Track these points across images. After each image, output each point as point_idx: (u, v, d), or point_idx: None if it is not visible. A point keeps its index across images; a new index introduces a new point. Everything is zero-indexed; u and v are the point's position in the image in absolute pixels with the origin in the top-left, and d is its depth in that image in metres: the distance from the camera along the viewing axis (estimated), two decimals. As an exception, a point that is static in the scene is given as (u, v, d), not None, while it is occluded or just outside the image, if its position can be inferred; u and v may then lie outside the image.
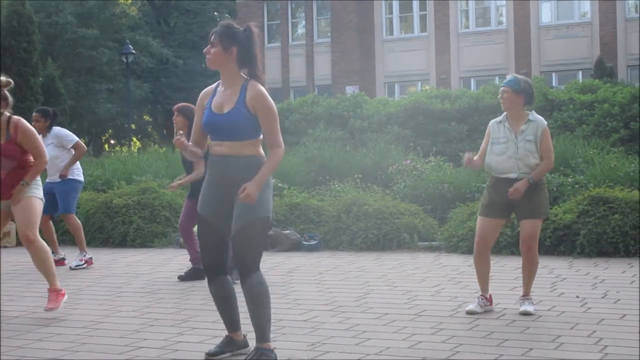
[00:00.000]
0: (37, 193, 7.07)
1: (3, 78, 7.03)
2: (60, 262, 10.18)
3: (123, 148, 36.81)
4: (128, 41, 32.17)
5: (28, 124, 7.05)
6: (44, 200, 7.18)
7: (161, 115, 42.88)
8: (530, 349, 5.30)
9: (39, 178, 7.16)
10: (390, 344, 5.55)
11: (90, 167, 15.55)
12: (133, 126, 40.01)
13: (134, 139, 41.43)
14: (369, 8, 33.77)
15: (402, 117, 17.69)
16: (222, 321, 5.39)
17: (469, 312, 6.61)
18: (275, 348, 5.14)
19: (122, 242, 12.31)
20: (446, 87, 24.99)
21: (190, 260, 9.10)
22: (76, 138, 10.18)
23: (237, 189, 5.01)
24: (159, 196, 12.89)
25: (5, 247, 12.74)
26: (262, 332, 5.06)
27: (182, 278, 8.89)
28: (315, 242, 11.08)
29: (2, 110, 6.95)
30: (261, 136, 5.14)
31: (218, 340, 5.73)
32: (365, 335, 5.83)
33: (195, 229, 10.36)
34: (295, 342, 5.60)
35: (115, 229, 12.43)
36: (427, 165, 13.71)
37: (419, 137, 16.92)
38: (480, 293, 6.76)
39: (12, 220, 7.34)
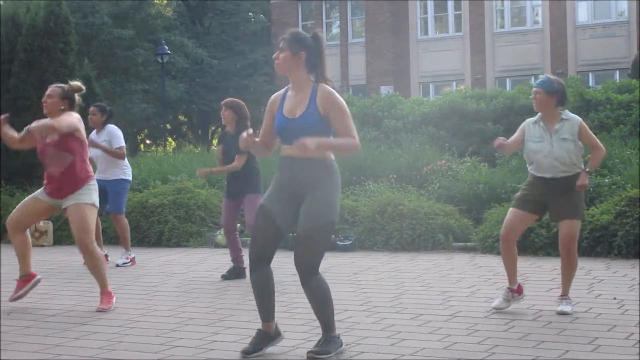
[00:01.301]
0: (89, 199, 7.16)
1: (76, 83, 7.24)
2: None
3: (158, 148, 37.00)
4: (163, 42, 32.31)
5: (68, 115, 7.15)
6: (98, 206, 7.28)
7: (196, 115, 43.03)
8: (567, 351, 5.26)
9: (94, 182, 7.27)
10: (425, 344, 5.53)
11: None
12: (168, 126, 40.19)
13: (169, 139, 41.63)
14: (404, 8, 33.69)
15: (437, 117, 17.61)
16: (257, 320, 5.40)
17: (495, 308, 6.62)
18: (339, 335, 5.38)
19: (158, 241, 12.39)
20: (481, 87, 24.86)
21: (231, 260, 9.14)
22: (123, 143, 10.35)
23: (305, 191, 5.21)
24: (194, 196, 12.95)
25: (42, 245, 12.86)
26: (328, 324, 5.31)
27: (224, 277, 8.98)
28: (350, 242, 11.07)
29: (65, 110, 7.20)
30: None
31: (253, 340, 5.76)
32: (400, 336, 5.82)
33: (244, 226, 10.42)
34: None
35: (150, 228, 12.51)
36: (462, 166, 13.66)
37: (454, 138, 16.83)
38: (507, 286, 6.74)
39: (48, 219, 7.45)
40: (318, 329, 5.57)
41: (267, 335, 5.43)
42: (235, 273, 9.00)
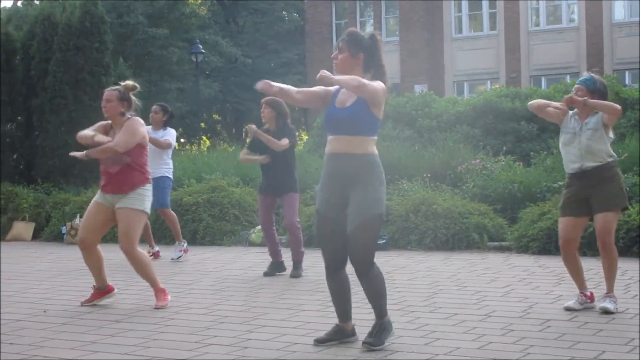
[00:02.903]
0: (140, 205, 7.20)
1: (128, 82, 7.31)
2: (155, 253, 10.75)
3: (193, 146, 37.15)
4: (198, 41, 32.42)
5: (137, 121, 7.24)
6: (148, 212, 7.33)
7: (230, 114, 43.16)
8: (603, 352, 5.21)
9: (150, 187, 7.31)
10: (459, 344, 5.51)
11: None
12: (202, 125, 40.36)
13: (204, 138, 41.78)
14: (438, 6, 33.56)
15: (472, 116, 17.54)
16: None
17: (567, 309, 6.59)
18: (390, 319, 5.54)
19: (192, 239, 12.44)
20: (516, 86, 24.69)
21: (269, 254, 9.17)
22: (174, 142, 10.66)
23: (352, 185, 5.33)
24: (228, 194, 13.00)
25: (74, 244, 12.96)
26: (382, 311, 5.48)
27: (266, 274, 9.06)
28: (384, 241, 11.05)
29: (124, 111, 7.26)
30: (376, 137, 5.45)
31: (287, 338, 5.78)
32: (435, 335, 5.80)
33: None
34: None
35: (185, 226, 12.57)
36: (497, 165, 13.59)
37: (488, 137, 16.76)
38: (579, 291, 6.72)
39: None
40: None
41: (343, 331, 5.58)
42: (275, 267, 9.09)
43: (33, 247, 13.25)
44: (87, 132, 7.27)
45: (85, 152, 7.25)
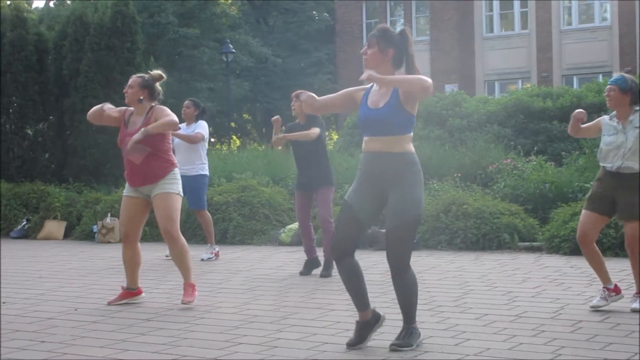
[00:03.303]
0: (174, 189, 7.26)
1: (156, 72, 7.37)
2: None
3: (223, 146, 37.26)
4: (228, 40, 32.49)
5: (163, 109, 7.29)
6: (182, 195, 7.38)
7: (260, 113, 43.23)
8: (636, 354, 5.16)
9: (177, 173, 7.34)
10: (490, 345, 5.48)
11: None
12: (233, 124, 40.44)
13: (234, 137, 41.89)
14: (469, 6, 33.41)
15: (503, 115, 17.43)
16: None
17: (593, 307, 6.55)
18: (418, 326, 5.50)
19: (222, 238, 12.47)
20: (548, 85, 24.53)
21: (304, 251, 9.18)
22: (205, 134, 10.65)
23: (389, 185, 5.33)
24: (258, 194, 13.01)
25: (109, 242, 13.04)
26: (411, 316, 5.44)
27: (302, 273, 9.08)
28: (414, 241, 11.00)
29: (143, 99, 7.30)
30: (412, 133, 5.42)
31: (317, 338, 5.78)
32: (465, 336, 5.77)
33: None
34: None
35: (215, 225, 12.55)
36: (528, 165, 13.51)
37: (519, 136, 16.66)
38: (602, 286, 6.67)
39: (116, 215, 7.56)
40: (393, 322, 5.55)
41: (367, 324, 5.53)
42: (310, 265, 9.11)
43: (64, 245, 13.34)
44: (95, 107, 7.34)
45: (143, 129, 7.16)
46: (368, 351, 5.39)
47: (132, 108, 7.39)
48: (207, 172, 10.70)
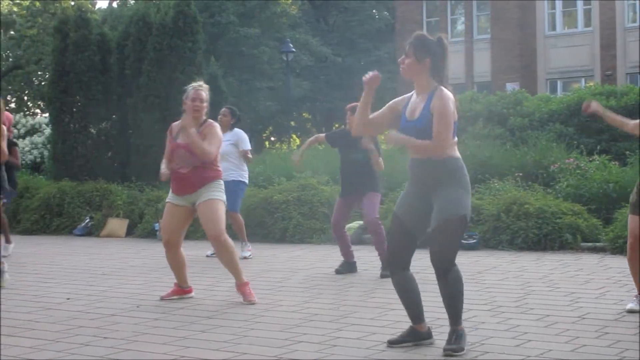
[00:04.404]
0: (219, 196, 7.40)
1: (203, 83, 7.52)
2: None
3: (283, 145, 37.42)
4: (288, 40, 32.61)
5: (217, 127, 7.46)
6: (226, 203, 7.52)
7: (320, 112, 43.33)
8: (703, 357, 5.06)
9: (222, 182, 7.48)
10: (552, 346, 5.42)
11: (252, 164, 15.84)
12: (292, 123, 40.58)
13: (294, 136, 42.02)
14: (531, 4, 33.07)
15: (565, 114, 17.23)
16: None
17: (629, 311, 6.43)
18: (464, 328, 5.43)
19: (282, 237, 12.52)
20: (611, 84, 24.20)
21: (341, 254, 9.22)
22: (249, 146, 10.97)
23: (434, 190, 5.30)
24: (317, 193, 13.03)
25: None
26: (457, 317, 5.35)
27: (338, 271, 9.12)
28: (474, 241, 10.94)
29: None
30: (456, 138, 5.36)
31: (377, 337, 5.77)
32: (526, 337, 5.71)
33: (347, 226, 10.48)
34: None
35: (275, 224, 12.64)
36: (591, 164, 13.32)
37: (582, 135, 16.45)
38: (636, 292, 6.55)
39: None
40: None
41: (417, 333, 5.53)
42: (347, 267, 9.15)
43: (127, 243, 13.50)
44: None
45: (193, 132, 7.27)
46: (427, 351, 5.37)
47: (176, 123, 7.50)
48: (245, 180, 10.97)
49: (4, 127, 8.77)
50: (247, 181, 11.03)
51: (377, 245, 8.99)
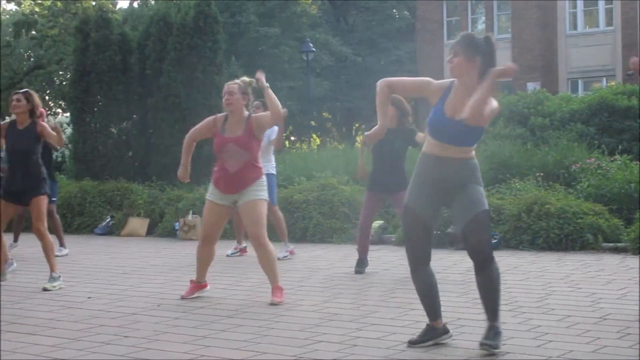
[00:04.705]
0: (263, 195, 7.40)
1: (247, 78, 7.56)
2: (242, 250, 11.03)
3: (303, 144, 37.41)
4: (308, 39, 32.60)
5: (261, 113, 7.61)
6: (268, 200, 7.51)
7: (340, 112, 43.28)
8: None
9: (264, 179, 7.47)
10: (573, 347, 5.39)
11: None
12: (313, 123, 40.58)
13: (314, 136, 42.03)
14: (552, 3, 32.92)
15: (586, 114, 17.15)
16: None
17: None
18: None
19: (302, 237, 12.52)
20: (633, 83, 24.04)
21: (357, 250, 9.19)
22: (278, 135, 10.80)
23: (455, 187, 5.31)
24: (338, 192, 13.03)
25: (191, 239, 13.19)
26: (495, 312, 5.35)
27: (358, 271, 9.13)
28: (495, 241, 10.90)
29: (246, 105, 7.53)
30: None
31: (397, 337, 5.76)
32: (547, 337, 5.69)
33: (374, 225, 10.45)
34: (474, 342, 5.50)
35: (295, 224, 12.65)
36: (613, 164, 13.25)
37: (603, 135, 16.37)
38: None
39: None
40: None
41: (435, 330, 5.53)
42: (363, 263, 9.16)
43: (147, 242, 13.55)
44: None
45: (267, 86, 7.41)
46: (448, 351, 5.36)
47: (220, 115, 7.52)
48: (275, 172, 10.97)
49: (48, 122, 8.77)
50: (275, 172, 11.01)
51: None
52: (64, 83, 38.73)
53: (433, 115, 5.36)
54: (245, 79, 7.61)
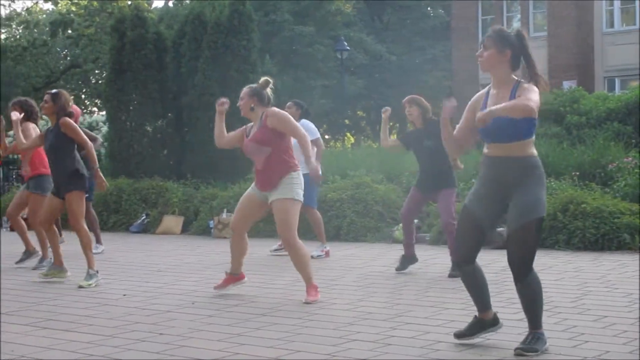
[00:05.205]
0: (291, 194, 7.35)
1: (263, 79, 7.64)
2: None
3: (337, 143, 37.42)
4: (342, 38, 32.60)
5: (277, 110, 7.53)
6: (301, 200, 7.46)
7: (374, 110, 43.21)
8: None
9: (298, 175, 7.45)
10: (609, 347, 5.34)
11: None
12: (347, 121, 40.58)
13: (348, 134, 42.02)
14: (588, 2, 32.65)
15: (623, 112, 16.99)
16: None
17: None
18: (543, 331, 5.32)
19: (336, 235, 12.52)
20: (671, 82, 23.81)
21: (404, 246, 9.14)
22: (318, 134, 10.79)
23: (511, 189, 5.23)
24: (372, 191, 13.02)
25: (225, 237, 13.23)
26: (536, 321, 5.29)
27: (398, 269, 9.05)
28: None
29: (254, 107, 7.50)
30: (533, 136, 5.29)
31: (431, 337, 5.74)
32: (583, 338, 5.64)
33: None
34: (509, 342, 5.47)
35: (329, 222, 12.64)
36: (650, 163, 13.12)
37: (641, 134, 16.21)
38: None
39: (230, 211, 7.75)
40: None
41: (482, 322, 5.53)
42: (406, 262, 9.09)
43: (182, 240, 13.61)
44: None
45: None
46: (482, 350, 5.33)
47: (251, 123, 7.59)
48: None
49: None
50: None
51: (450, 247, 8.85)
52: (99, 82, 39.08)
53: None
54: (262, 79, 7.67)
